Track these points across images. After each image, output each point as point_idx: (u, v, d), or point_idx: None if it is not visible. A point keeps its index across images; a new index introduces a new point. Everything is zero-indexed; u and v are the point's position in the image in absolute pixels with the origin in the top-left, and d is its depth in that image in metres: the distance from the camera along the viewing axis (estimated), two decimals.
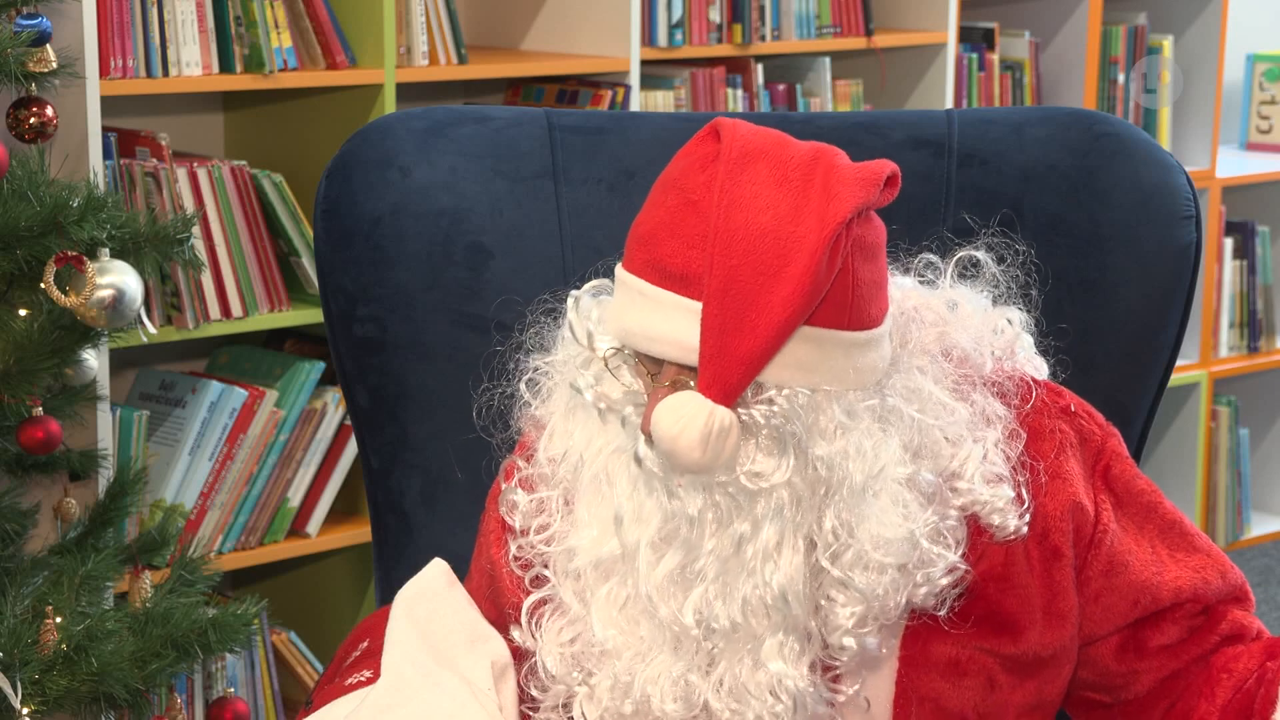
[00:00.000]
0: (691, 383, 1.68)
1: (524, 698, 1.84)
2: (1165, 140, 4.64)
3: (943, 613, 1.79)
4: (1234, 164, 4.85)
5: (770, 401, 1.69)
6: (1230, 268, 4.85)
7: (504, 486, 1.88)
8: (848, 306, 1.70)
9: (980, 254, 1.91)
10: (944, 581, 1.77)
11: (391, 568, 2.23)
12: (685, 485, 1.72)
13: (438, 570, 1.94)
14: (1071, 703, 1.95)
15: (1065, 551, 1.83)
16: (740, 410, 1.69)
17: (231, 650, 2.83)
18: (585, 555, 1.78)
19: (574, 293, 1.82)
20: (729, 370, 1.65)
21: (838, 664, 1.78)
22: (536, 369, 1.88)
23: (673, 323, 1.68)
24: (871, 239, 1.72)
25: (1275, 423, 5.12)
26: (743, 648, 1.73)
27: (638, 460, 1.72)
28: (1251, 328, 4.90)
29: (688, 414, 1.64)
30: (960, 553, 1.77)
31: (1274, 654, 1.87)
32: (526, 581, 1.84)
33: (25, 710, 2.51)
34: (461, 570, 1.97)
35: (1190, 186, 2.18)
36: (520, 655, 1.85)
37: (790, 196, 1.67)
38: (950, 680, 1.83)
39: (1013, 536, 1.81)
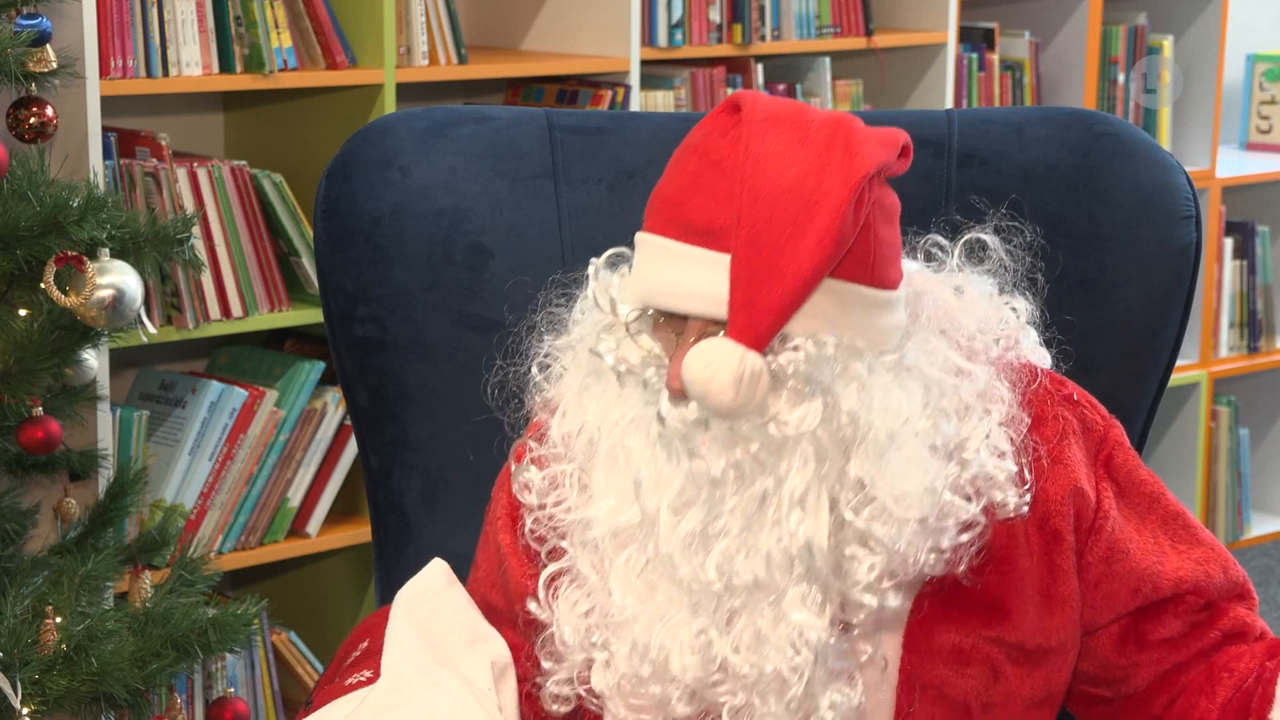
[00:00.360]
0: (721, 333, 1.70)
1: (539, 671, 1.85)
2: (1165, 140, 4.64)
3: (962, 569, 1.80)
4: (1234, 164, 4.85)
5: (798, 349, 1.72)
6: (1230, 268, 4.85)
7: (514, 467, 1.89)
8: (869, 263, 1.73)
9: (988, 237, 1.92)
10: (964, 537, 1.79)
11: (391, 568, 2.23)
12: (709, 443, 1.74)
13: (438, 570, 1.94)
14: (1072, 699, 1.95)
15: (1066, 535, 1.84)
16: (769, 357, 1.71)
17: (231, 650, 2.83)
18: (602, 525, 1.79)
19: (594, 260, 1.84)
20: (759, 317, 1.68)
21: (855, 625, 1.79)
22: (548, 354, 1.90)
23: (700, 276, 1.71)
24: (889, 203, 1.76)
25: (1275, 423, 5.11)
26: (764, 601, 1.75)
27: (661, 419, 1.74)
28: (1251, 328, 4.90)
29: (720, 358, 1.67)
30: (980, 506, 1.79)
31: (1276, 654, 1.87)
32: (543, 555, 1.85)
33: (25, 710, 2.51)
34: (461, 570, 1.97)
35: (1190, 186, 2.18)
36: (535, 627, 1.85)
37: (813, 155, 1.70)
38: (953, 668, 1.83)
39: (1013, 515, 1.82)
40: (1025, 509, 1.82)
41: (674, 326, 1.74)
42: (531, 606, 1.84)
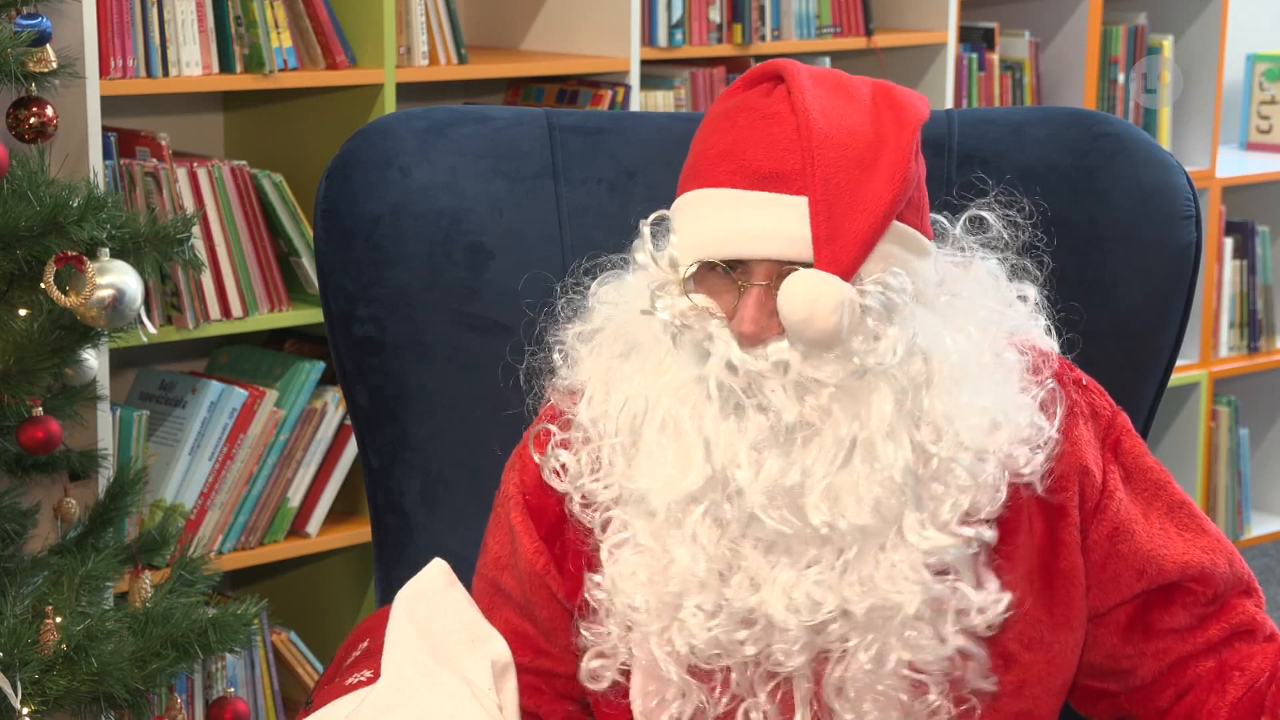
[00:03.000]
0: (799, 270, 1.74)
1: (577, 650, 1.85)
2: (1165, 140, 4.64)
3: (1040, 489, 1.82)
4: (1234, 164, 4.85)
5: (875, 283, 1.76)
6: (1230, 268, 4.85)
7: (537, 457, 1.89)
8: (921, 211, 1.81)
9: (987, 214, 1.93)
10: (1038, 457, 1.81)
11: (391, 568, 2.23)
12: (778, 392, 1.75)
13: (437, 570, 1.94)
14: (1080, 696, 1.95)
15: (1070, 511, 1.85)
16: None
17: (231, 650, 2.83)
18: (662, 495, 1.79)
19: (643, 221, 1.86)
20: (845, 248, 1.73)
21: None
22: (566, 341, 1.90)
23: (775, 218, 1.74)
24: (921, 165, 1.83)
25: (1275, 423, 5.12)
26: (873, 544, 1.76)
27: (733, 367, 1.75)
28: (1251, 328, 4.90)
29: (818, 286, 1.72)
30: (1056, 425, 1.82)
31: None
32: (597, 530, 1.85)
33: (25, 710, 2.51)
34: (461, 570, 1.97)
35: (1190, 186, 2.18)
36: (586, 603, 1.85)
37: (864, 109, 1.78)
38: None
39: (1027, 479, 1.82)
40: (1036, 479, 1.83)
41: (732, 279, 1.76)
42: (597, 579, 1.83)
